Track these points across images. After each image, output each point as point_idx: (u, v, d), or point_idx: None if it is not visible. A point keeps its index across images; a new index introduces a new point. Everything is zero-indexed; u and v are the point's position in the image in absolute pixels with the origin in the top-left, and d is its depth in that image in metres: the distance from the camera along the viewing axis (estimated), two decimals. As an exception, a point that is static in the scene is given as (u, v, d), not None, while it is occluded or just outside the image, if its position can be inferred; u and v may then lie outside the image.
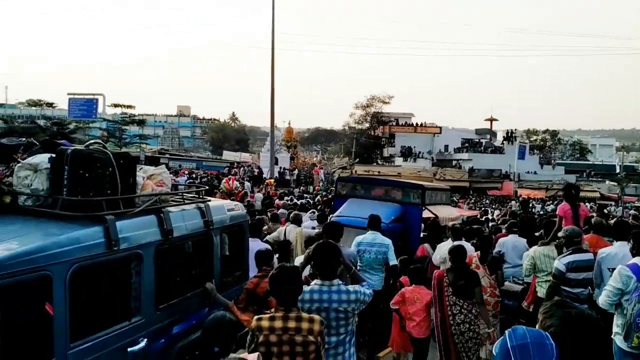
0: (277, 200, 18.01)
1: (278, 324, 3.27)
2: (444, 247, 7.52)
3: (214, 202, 5.35)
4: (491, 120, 69.12)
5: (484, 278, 6.18)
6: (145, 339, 3.86)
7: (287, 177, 36.37)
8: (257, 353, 2.98)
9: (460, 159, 57.29)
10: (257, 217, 9.76)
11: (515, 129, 63.88)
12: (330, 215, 9.44)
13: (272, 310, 3.42)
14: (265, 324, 3.29)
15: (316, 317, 3.39)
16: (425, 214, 8.79)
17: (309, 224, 9.83)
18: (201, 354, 3.02)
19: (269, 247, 7.27)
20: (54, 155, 3.59)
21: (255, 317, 3.45)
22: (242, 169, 39.17)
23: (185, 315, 4.44)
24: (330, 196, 20.63)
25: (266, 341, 3.25)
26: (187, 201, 4.86)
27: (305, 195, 23.70)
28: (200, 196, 5.22)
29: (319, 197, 23.85)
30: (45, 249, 3.08)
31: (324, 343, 3.40)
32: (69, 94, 38.65)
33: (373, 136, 63.18)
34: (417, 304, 5.82)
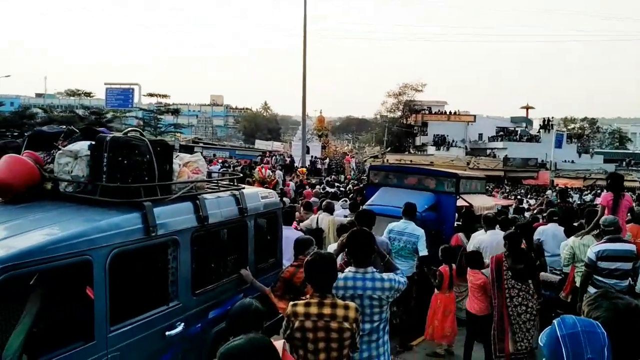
0: (308, 188, 18.04)
1: (313, 310, 3.29)
2: (478, 237, 7.42)
3: (248, 189, 5.38)
4: (527, 108, 67.58)
5: None
6: (183, 324, 3.93)
7: (319, 166, 36.35)
8: (283, 340, 2.98)
9: (495, 148, 56.26)
10: (289, 205, 9.82)
11: (552, 117, 62.20)
12: (363, 204, 9.42)
13: (308, 297, 3.44)
14: (300, 310, 3.31)
15: (351, 304, 3.40)
16: (460, 203, 8.66)
17: (341, 212, 9.82)
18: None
19: (302, 234, 7.32)
20: (93, 142, 3.66)
21: (291, 303, 3.47)
22: (274, 157, 39.40)
23: (220, 301, 4.50)
24: (362, 185, 20.58)
25: (301, 327, 3.28)
26: (222, 188, 4.91)
27: (336, 183, 23.65)
28: (235, 184, 5.27)
29: (350, 185, 23.83)
30: (85, 234, 3.15)
31: (359, 330, 3.39)
32: (106, 83, 39.56)
33: (405, 125, 62.52)
34: (474, 285, 6.16)
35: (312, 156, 37.24)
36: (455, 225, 8.65)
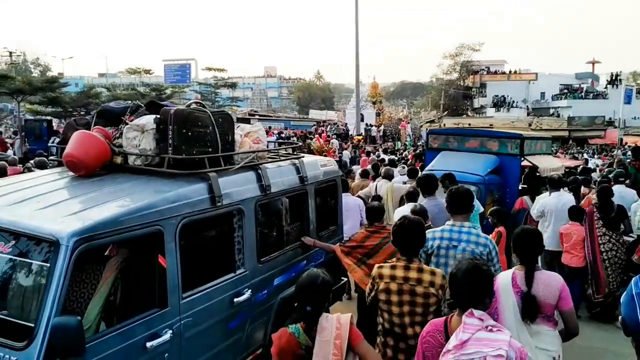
0: (364, 156, 17.94)
1: (399, 273, 3.35)
2: (541, 200, 7.17)
3: (308, 158, 5.39)
4: (593, 63, 63.73)
5: None
6: (250, 290, 4.03)
7: (373, 134, 36.00)
8: (350, 314, 2.99)
9: (559, 107, 53.64)
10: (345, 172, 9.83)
11: (620, 71, 58.40)
12: (422, 170, 9.27)
13: (394, 260, 3.50)
14: (386, 272, 3.40)
15: (438, 270, 3.43)
16: (525, 164, 8.38)
17: (399, 179, 9.72)
18: (295, 311, 3.07)
19: (361, 201, 7.31)
20: (158, 116, 3.74)
21: (377, 265, 3.57)
22: (328, 127, 39.33)
23: (284, 268, 4.58)
24: (419, 150, 20.26)
25: (386, 288, 3.36)
26: (282, 158, 4.95)
27: (393, 150, 23.41)
28: (294, 153, 5.29)
29: (406, 151, 23.50)
30: (155, 205, 3.25)
31: (445, 297, 3.36)
32: (164, 60, 40.44)
33: (462, 87, 60.69)
34: (573, 238, 6.60)
35: (366, 123, 36.87)
36: (520, 188, 8.38)
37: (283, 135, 28.96)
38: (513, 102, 55.72)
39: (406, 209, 6.59)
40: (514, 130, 13.85)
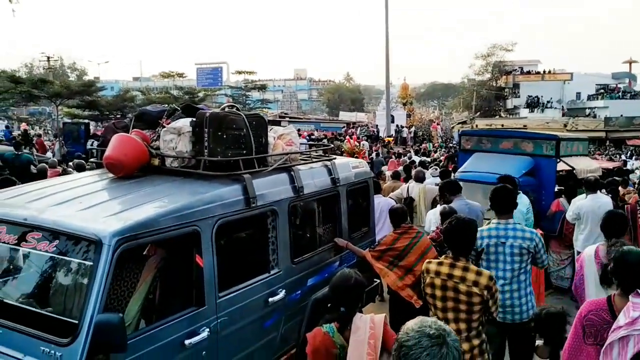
0: (394, 158, 17.85)
1: (444, 269, 3.47)
2: (577, 202, 7.02)
3: (340, 160, 5.41)
4: (630, 62, 61.91)
5: None
6: (284, 290, 4.07)
7: (404, 135, 35.76)
8: (384, 314, 3.02)
9: (595, 107, 52.26)
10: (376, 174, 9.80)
11: (660, 71, 56.62)
12: (455, 172, 9.18)
13: (442, 257, 3.62)
14: (432, 267, 3.53)
15: (485, 271, 3.50)
16: (561, 166, 8.20)
17: (432, 181, 9.65)
18: (329, 312, 3.11)
19: (393, 202, 7.29)
20: (194, 119, 3.82)
21: (427, 260, 3.75)
22: (358, 128, 39.25)
23: (318, 269, 4.61)
24: (452, 152, 20.04)
25: (431, 283, 3.50)
26: (314, 159, 4.98)
27: (426, 151, 23.21)
28: (326, 154, 5.33)
29: (438, 153, 23.29)
30: (192, 206, 3.32)
31: (494, 299, 3.45)
32: (196, 63, 41.20)
33: (495, 87, 59.69)
34: None
35: (397, 125, 36.67)
36: (556, 190, 8.21)
37: (313, 137, 29.03)
38: (548, 102, 54.52)
39: (438, 211, 6.57)
40: (548, 132, 13.56)
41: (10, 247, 3.17)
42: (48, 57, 49.11)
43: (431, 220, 6.41)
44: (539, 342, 3.52)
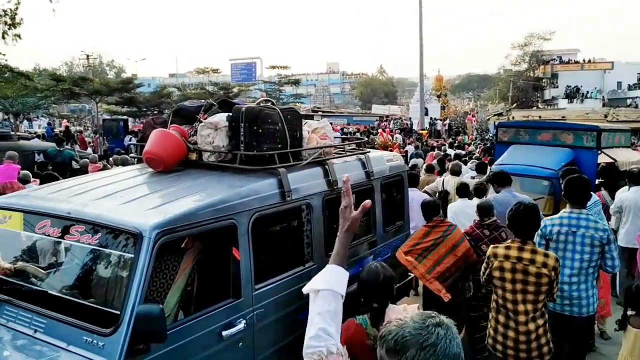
0: (430, 151, 17.66)
1: (513, 253, 3.65)
2: (619, 195, 6.82)
3: (374, 153, 5.39)
4: (677, 49, 59.48)
5: None
6: (319, 284, 4.07)
7: (438, 128, 35.34)
8: (417, 304, 3.01)
9: (637, 97, 50.41)
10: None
11: None
12: (491, 164, 9.03)
13: (509, 241, 3.80)
14: (500, 251, 3.71)
15: (551, 253, 3.71)
16: (602, 158, 7.96)
17: (468, 174, 9.52)
18: (361, 306, 3.13)
19: (427, 197, 7.23)
20: (230, 114, 3.87)
21: (492, 245, 3.92)
22: (391, 122, 38.98)
23: (351, 263, 4.60)
24: (488, 144, 19.69)
25: (500, 267, 3.68)
26: (348, 153, 4.97)
27: (461, 144, 22.88)
28: (360, 148, 5.31)
29: (473, 146, 22.91)
30: (229, 199, 3.37)
31: (558, 280, 3.66)
32: (230, 59, 41.68)
33: (532, 78, 58.32)
34: None
35: (431, 117, 36.25)
36: (597, 182, 7.98)
37: (346, 130, 28.98)
38: (587, 92, 52.93)
39: (459, 204, 6.49)
40: (588, 122, 13.16)
41: (54, 240, 3.28)
42: (87, 56, 50.47)
43: (457, 212, 6.34)
44: (631, 313, 3.90)
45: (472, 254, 4.87)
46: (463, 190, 6.57)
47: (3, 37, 26.43)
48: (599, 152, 7.83)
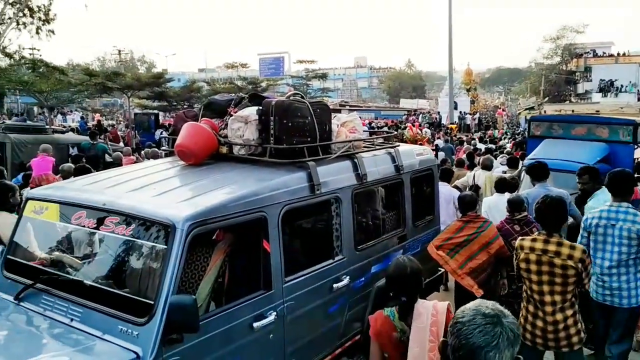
0: (459, 145, 17.45)
1: (539, 245, 3.70)
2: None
3: (403, 147, 5.35)
4: None
5: None
6: (348, 277, 4.09)
7: (468, 122, 34.88)
8: (448, 302, 3.00)
9: (675, 90, 48.86)
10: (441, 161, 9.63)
11: None
12: (523, 159, 8.87)
13: (536, 234, 3.83)
14: (526, 244, 3.77)
15: (578, 245, 3.75)
16: (638, 153, 7.75)
17: (499, 169, 9.38)
18: (391, 300, 3.12)
19: (457, 191, 7.14)
20: (260, 107, 3.89)
21: (520, 237, 3.96)
22: (420, 116, 38.63)
23: (381, 257, 4.60)
24: (519, 138, 19.37)
25: (526, 259, 3.74)
26: (377, 147, 4.95)
27: (493, 138, 22.55)
28: (390, 142, 5.28)
29: (503, 140, 22.56)
30: (259, 192, 3.39)
31: (587, 272, 3.67)
32: (259, 54, 41.86)
33: (565, 71, 56.98)
34: None
35: (460, 112, 35.79)
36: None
37: (373, 125, 28.83)
38: (622, 86, 51.44)
39: (495, 199, 6.39)
40: (623, 117, 12.80)
41: (90, 230, 3.35)
42: (119, 51, 51.31)
43: (491, 207, 6.23)
44: None
45: (506, 251, 4.80)
46: (500, 185, 6.47)
47: (37, 33, 27.17)
48: (636, 146, 7.62)
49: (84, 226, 3.33)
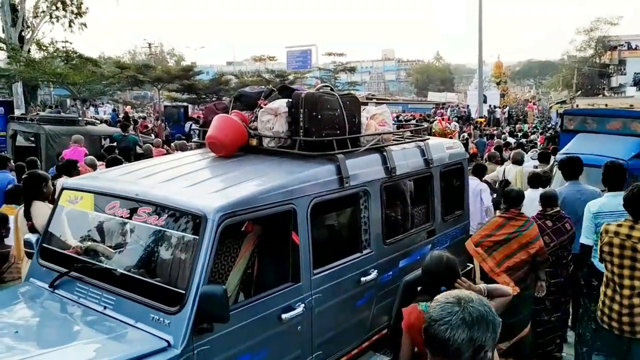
0: (489, 139, 17.21)
1: (624, 230, 3.76)
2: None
3: (433, 140, 5.29)
4: None
5: None
6: (376, 271, 4.08)
7: (497, 116, 34.32)
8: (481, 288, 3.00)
9: None
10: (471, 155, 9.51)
11: None
12: (554, 153, 8.70)
13: (622, 221, 3.85)
14: (612, 228, 3.85)
15: None
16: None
17: (530, 164, 9.22)
18: (420, 294, 3.12)
19: (486, 185, 7.05)
20: (290, 99, 3.89)
21: (606, 222, 4.03)
22: (448, 109, 38.17)
23: (409, 251, 4.57)
24: (550, 133, 18.99)
25: (610, 242, 3.81)
26: (407, 140, 4.91)
27: (521, 133, 22.16)
28: (419, 135, 5.23)
29: (534, 134, 22.15)
30: (289, 184, 3.40)
31: None
32: (286, 47, 41.88)
33: (598, 64, 55.52)
34: None
35: (490, 105, 35.23)
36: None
37: (400, 118, 28.62)
38: (658, 80, 49.84)
39: (530, 194, 6.26)
40: (659, 111, 12.41)
41: (123, 220, 3.41)
42: (149, 44, 51.96)
43: (525, 203, 6.12)
44: None
45: (544, 253, 4.67)
46: (534, 180, 6.36)
47: (70, 26, 27.72)
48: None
49: (117, 216, 3.39)
